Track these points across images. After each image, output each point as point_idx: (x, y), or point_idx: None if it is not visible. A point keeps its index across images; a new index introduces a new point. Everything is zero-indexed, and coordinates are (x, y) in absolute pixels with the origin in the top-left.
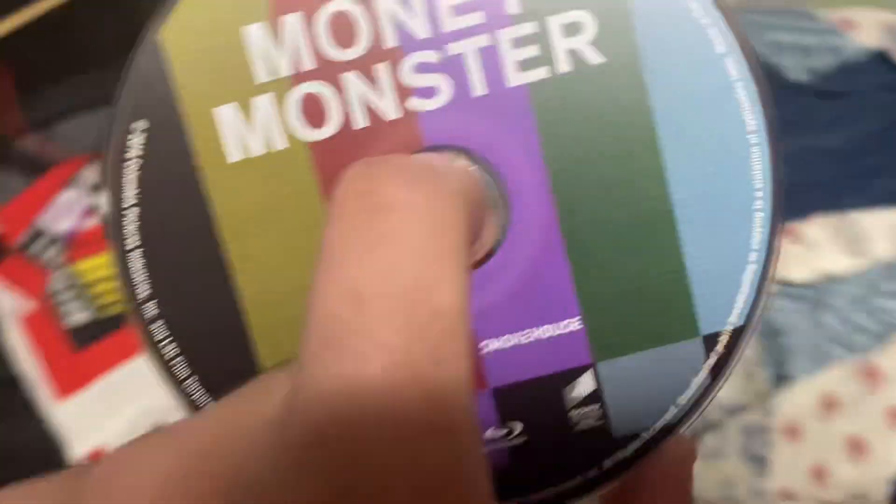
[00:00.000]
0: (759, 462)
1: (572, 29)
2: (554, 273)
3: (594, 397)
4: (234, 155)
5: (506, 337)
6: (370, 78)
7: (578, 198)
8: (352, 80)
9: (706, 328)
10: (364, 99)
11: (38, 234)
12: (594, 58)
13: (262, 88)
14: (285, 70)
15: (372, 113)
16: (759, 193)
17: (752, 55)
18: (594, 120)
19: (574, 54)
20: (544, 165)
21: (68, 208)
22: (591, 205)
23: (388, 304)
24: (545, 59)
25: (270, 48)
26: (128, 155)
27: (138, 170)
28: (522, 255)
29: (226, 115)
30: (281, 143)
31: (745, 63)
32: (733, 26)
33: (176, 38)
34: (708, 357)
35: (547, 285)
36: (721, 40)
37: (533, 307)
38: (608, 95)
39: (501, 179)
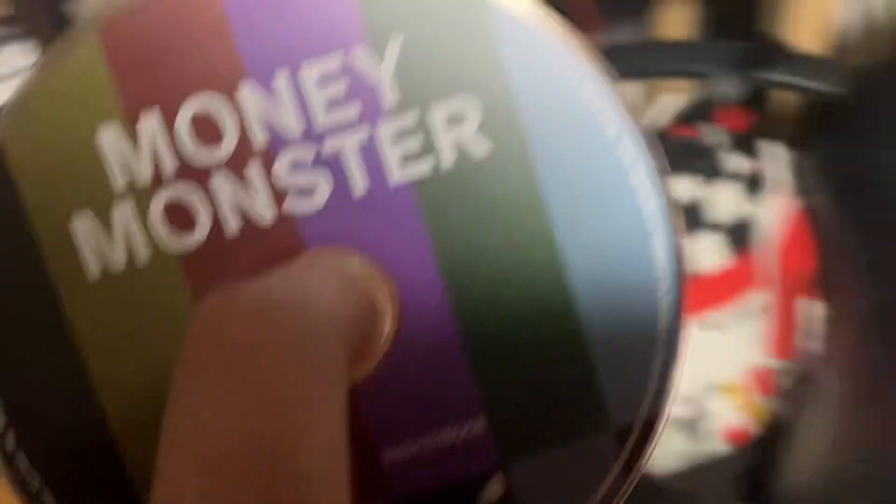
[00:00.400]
0: None
1: (455, 118)
2: (453, 372)
3: (504, 502)
4: (94, 272)
5: (406, 444)
6: (241, 180)
7: (475, 294)
8: (220, 182)
9: (617, 421)
10: (235, 203)
11: None
12: (480, 149)
13: (121, 197)
14: (145, 176)
15: (245, 217)
16: (663, 280)
17: (646, 137)
18: (485, 214)
19: (459, 146)
20: (436, 263)
21: None
22: (488, 301)
23: (241, 474)
24: (429, 153)
25: (127, 152)
26: None
27: None
28: (419, 356)
29: (82, 228)
30: (145, 256)
31: (638, 146)
32: (621, 108)
33: (19, 146)
34: (620, 451)
35: (447, 386)
36: (612, 124)
37: (433, 410)
38: (498, 188)
39: (391, 280)
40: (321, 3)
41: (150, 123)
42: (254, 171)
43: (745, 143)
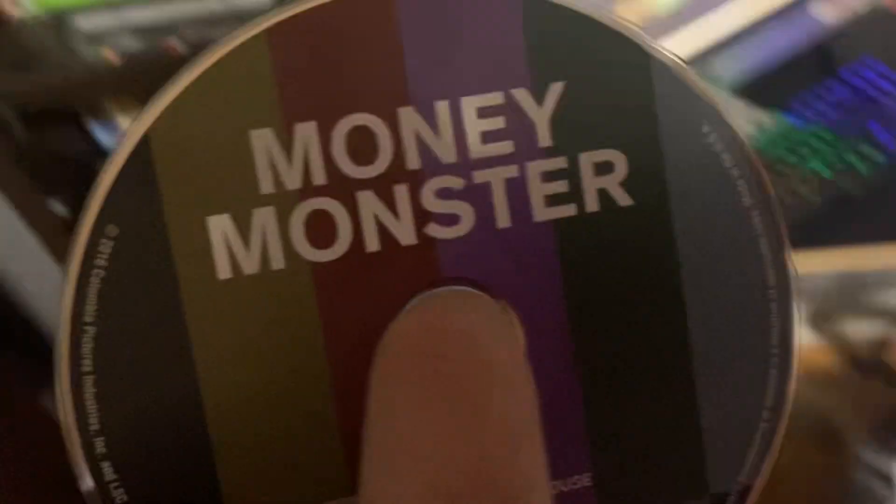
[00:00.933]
0: None
1: (603, 168)
2: (567, 423)
3: None
4: (222, 272)
5: None
6: (387, 199)
7: (597, 344)
8: (367, 199)
9: (715, 487)
10: (379, 221)
11: None
12: (623, 199)
13: (265, 200)
14: (294, 183)
15: (386, 236)
16: (775, 351)
17: (777, 210)
18: (619, 264)
19: (603, 194)
20: (565, 307)
21: None
22: (610, 353)
23: None
24: (574, 196)
25: (279, 157)
26: (94, 264)
27: (101, 283)
28: None
29: (218, 227)
30: (280, 262)
31: (770, 217)
32: (761, 179)
33: (166, 135)
34: None
35: (559, 437)
36: (749, 193)
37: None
38: (635, 239)
39: (518, 318)
40: (489, 41)
41: (305, 133)
42: (401, 192)
43: None
